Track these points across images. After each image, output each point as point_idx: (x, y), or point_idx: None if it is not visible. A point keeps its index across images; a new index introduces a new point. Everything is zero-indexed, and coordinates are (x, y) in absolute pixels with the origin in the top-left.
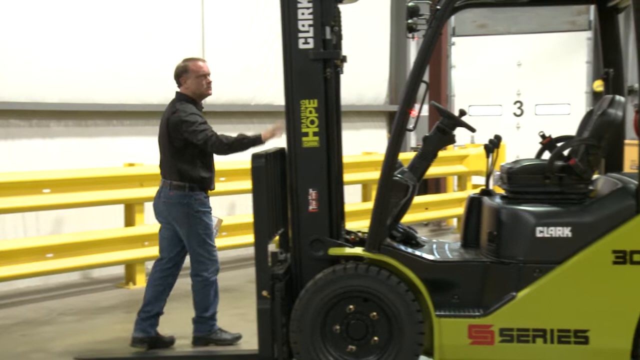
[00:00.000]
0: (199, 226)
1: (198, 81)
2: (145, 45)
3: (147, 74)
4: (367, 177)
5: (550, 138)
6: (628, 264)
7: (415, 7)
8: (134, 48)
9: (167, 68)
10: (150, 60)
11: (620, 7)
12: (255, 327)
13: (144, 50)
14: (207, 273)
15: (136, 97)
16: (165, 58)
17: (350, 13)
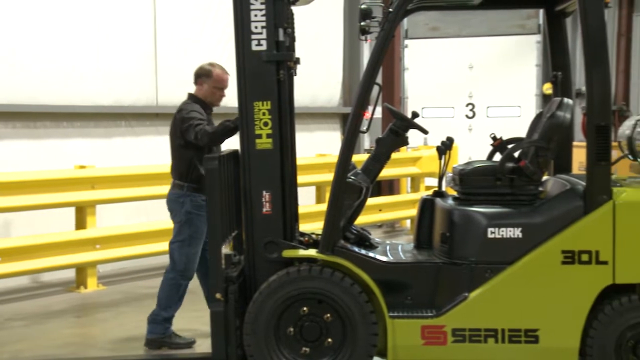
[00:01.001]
0: (187, 228)
1: (213, 90)
2: (96, 45)
3: (98, 75)
4: (321, 179)
5: (501, 140)
6: (576, 263)
7: (367, 10)
8: (84, 48)
9: (119, 69)
10: (101, 61)
11: (568, 11)
12: (209, 330)
13: (95, 51)
14: (179, 275)
15: (87, 98)
16: (117, 58)
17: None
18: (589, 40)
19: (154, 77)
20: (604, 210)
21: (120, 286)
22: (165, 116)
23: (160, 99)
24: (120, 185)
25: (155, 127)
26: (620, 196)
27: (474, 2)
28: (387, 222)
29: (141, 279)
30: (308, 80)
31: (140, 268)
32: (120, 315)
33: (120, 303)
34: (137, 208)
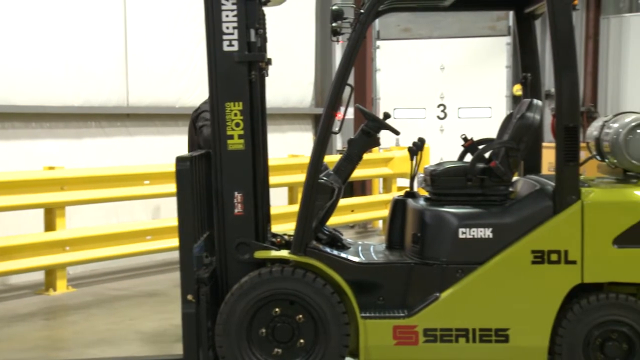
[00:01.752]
0: None
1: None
2: (66, 45)
3: (67, 75)
4: (293, 179)
5: (472, 141)
6: (546, 263)
7: (339, 11)
8: (53, 48)
9: (89, 69)
10: (71, 61)
11: (537, 13)
12: (180, 332)
13: (64, 51)
14: None
15: (56, 99)
16: (86, 58)
17: (276, 16)
18: (557, 43)
19: (124, 77)
20: (572, 210)
21: (90, 288)
22: (136, 117)
23: (131, 99)
24: (90, 186)
25: (127, 128)
26: (589, 196)
27: (444, 3)
28: (359, 222)
29: (112, 281)
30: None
31: (111, 270)
32: (90, 318)
33: (91, 305)
34: (107, 209)
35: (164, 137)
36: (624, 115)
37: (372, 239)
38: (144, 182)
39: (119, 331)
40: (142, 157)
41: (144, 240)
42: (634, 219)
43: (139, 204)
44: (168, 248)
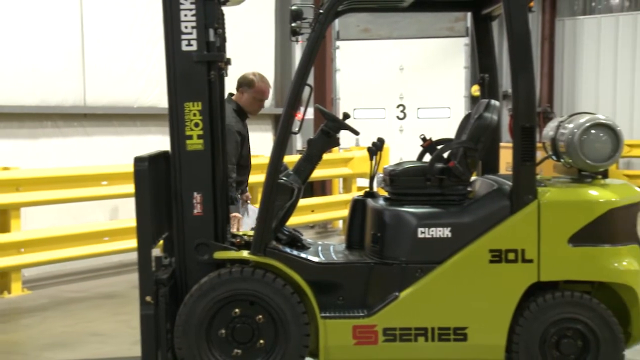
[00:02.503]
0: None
1: (253, 101)
2: (20, 44)
3: (22, 74)
4: (253, 179)
5: (430, 141)
6: (503, 262)
7: (298, 11)
8: (8, 47)
9: (44, 68)
10: (26, 60)
11: (494, 14)
12: (139, 334)
13: (19, 50)
14: None
15: (10, 98)
16: (42, 58)
17: (235, 15)
18: (514, 44)
19: (81, 76)
20: (529, 210)
21: (46, 290)
22: (93, 117)
23: (88, 99)
24: (46, 187)
25: (84, 128)
26: (545, 196)
27: (403, 4)
28: (319, 222)
29: (68, 283)
30: None
31: (67, 272)
32: (46, 321)
33: (47, 308)
34: (64, 210)
35: (122, 138)
36: (579, 116)
37: (332, 239)
38: (102, 183)
39: (75, 334)
40: (99, 158)
41: (101, 241)
42: (588, 218)
43: (96, 204)
44: (126, 249)
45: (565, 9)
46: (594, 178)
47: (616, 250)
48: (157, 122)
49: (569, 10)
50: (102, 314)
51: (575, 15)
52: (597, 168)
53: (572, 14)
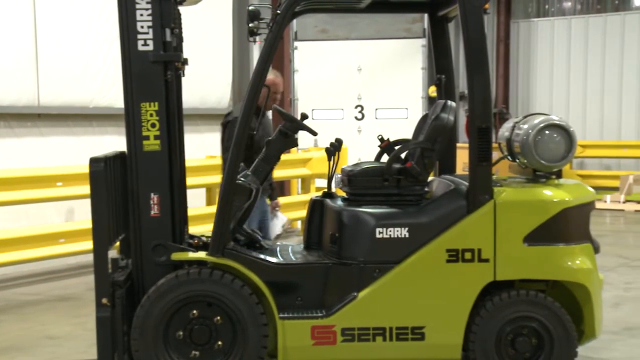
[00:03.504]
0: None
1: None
2: None
3: None
4: (211, 180)
5: (388, 141)
6: (460, 262)
7: (256, 11)
8: None
9: None
10: None
11: (450, 16)
12: (95, 337)
13: None
14: None
15: None
16: None
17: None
18: (469, 46)
19: (34, 76)
20: (485, 210)
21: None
22: (48, 117)
23: (42, 99)
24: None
25: (38, 128)
26: (501, 195)
27: (360, 5)
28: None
29: (22, 286)
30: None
31: (22, 274)
32: (0, 324)
33: (1, 311)
34: (18, 212)
35: (77, 138)
36: (533, 117)
37: (291, 240)
38: (57, 184)
39: (29, 337)
40: (54, 158)
41: (56, 243)
42: (542, 217)
43: (51, 206)
44: (82, 251)
45: (519, 11)
46: (549, 178)
47: (570, 249)
48: (113, 123)
49: (523, 13)
50: (57, 317)
51: (529, 18)
52: (551, 168)
53: (527, 17)
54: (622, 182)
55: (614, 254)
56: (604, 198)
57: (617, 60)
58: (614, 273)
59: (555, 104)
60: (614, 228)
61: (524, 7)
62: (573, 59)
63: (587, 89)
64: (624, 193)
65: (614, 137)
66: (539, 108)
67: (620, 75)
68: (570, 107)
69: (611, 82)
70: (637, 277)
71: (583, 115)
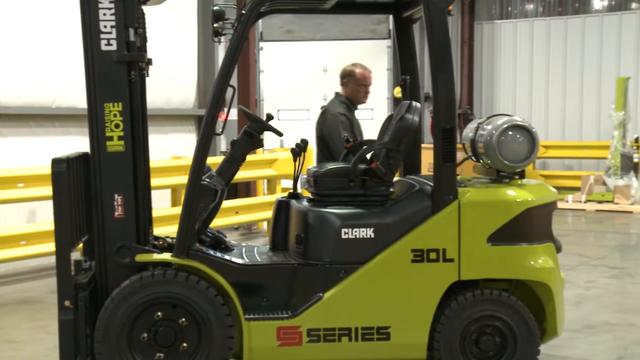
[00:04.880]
0: None
1: (358, 89)
2: None
3: None
4: (176, 181)
5: (354, 142)
6: (425, 261)
7: (220, 11)
8: None
9: None
10: None
11: (415, 17)
12: (57, 340)
13: None
14: None
15: None
16: None
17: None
18: (434, 47)
19: None
20: (450, 210)
21: None
22: (8, 117)
23: (2, 99)
24: None
25: None
26: (465, 196)
27: (325, 6)
28: (243, 224)
29: None
30: (162, 82)
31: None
32: None
33: None
34: None
35: (39, 139)
36: (497, 118)
37: (257, 241)
38: (18, 185)
39: None
40: (15, 159)
41: (18, 245)
42: (506, 217)
43: (12, 207)
44: (44, 253)
45: (483, 13)
46: (512, 178)
47: (533, 249)
48: (76, 123)
49: (487, 15)
50: (17, 320)
51: (492, 20)
52: (515, 168)
53: (490, 18)
54: (583, 182)
55: (576, 253)
56: (565, 198)
57: (578, 62)
58: (575, 272)
59: (518, 105)
60: (575, 227)
61: (488, 9)
62: (535, 60)
63: (549, 90)
64: (585, 193)
65: (576, 138)
66: (502, 109)
67: (580, 76)
68: (533, 108)
69: (572, 84)
70: (597, 275)
71: (545, 116)
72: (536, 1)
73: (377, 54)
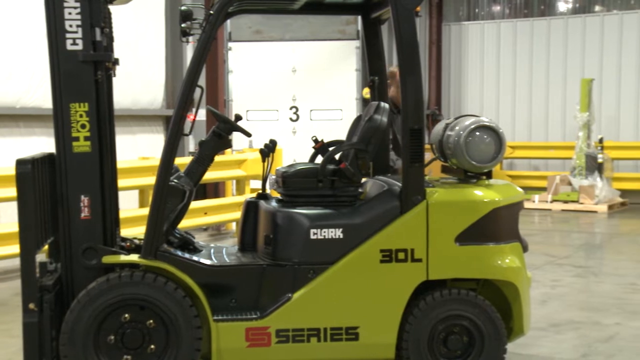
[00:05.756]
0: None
1: (398, 90)
2: None
3: None
4: (144, 182)
5: (322, 143)
6: (393, 262)
7: (188, 11)
8: None
9: None
10: None
11: (383, 18)
12: (21, 343)
13: None
14: None
15: None
16: None
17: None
18: (402, 48)
19: None
20: (418, 210)
21: None
22: None
23: None
24: None
25: None
26: (433, 196)
27: (294, 6)
28: (212, 225)
29: None
30: (129, 82)
31: None
32: None
33: None
34: None
35: (3, 139)
36: (464, 118)
37: (226, 242)
38: None
39: None
40: None
41: None
42: (473, 217)
43: None
44: (8, 255)
45: (451, 14)
46: (479, 179)
47: (500, 248)
48: (42, 124)
49: (454, 16)
50: None
51: (460, 21)
52: (482, 169)
53: (458, 20)
54: (550, 183)
55: (542, 252)
56: (532, 198)
57: (544, 63)
58: (541, 271)
59: (485, 106)
60: (541, 227)
61: (455, 10)
62: (502, 61)
63: (516, 91)
64: (551, 193)
65: (542, 139)
66: (470, 110)
67: (546, 78)
68: (500, 108)
69: (538, 85)
70: (563, 274)
71: (512, 116)
72: (503, 3)
73: (346, 54)
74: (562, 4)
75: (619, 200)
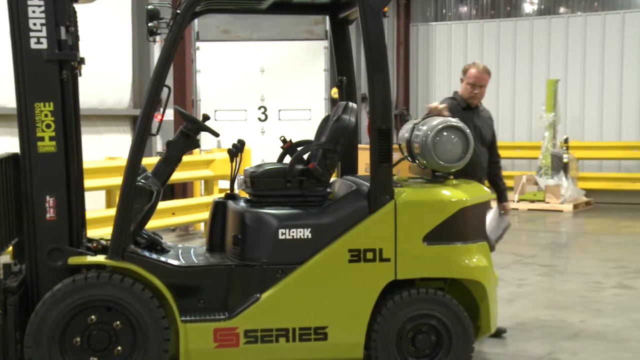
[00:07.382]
0: None
1: (466, 87)
2: None
3: None
4: (111, 182)
5: (290, 143)
6: (362, 261)
7: (155, 10)
8: None
9: None
10: None
11: (351, 18)
12: None
13: None
14: None
15: None
16: None
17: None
18: (369, 48)
19: None
20: (386, 210)
21: None
22: None
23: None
24: None
25: None
26: (401, 196)
27: (261, 6)
28: (180, 225)
29: None
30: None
31: None
32: None
33: None
34: None
35: None
36: (432, 118)
37: (194, 242)
38: None
39: None
40: None
41: None
42: (441, 217)
43: None
44: None
45: (418, 15)
46: (447, 178)
47: (467, 248)
48: (5, 123)
49: (422, 17)
50: None
51: (428, 22)
52: (449, 169)
53: (425, 20)
54: (516, 182)
55: (508, 251)
56: None
57: (510, 64)
58: (508, 270)
59: None
60: None
61: (423, 11)
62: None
63: None
64: (518, 192)
65: (508, 139)
66: None
67: (512, 78)
68: None
69: (505, 85)
70: (529, 273)
71: None
72: (470, 4)
73: (314, 54)
74: (527, 5)
75: (584, 200)
